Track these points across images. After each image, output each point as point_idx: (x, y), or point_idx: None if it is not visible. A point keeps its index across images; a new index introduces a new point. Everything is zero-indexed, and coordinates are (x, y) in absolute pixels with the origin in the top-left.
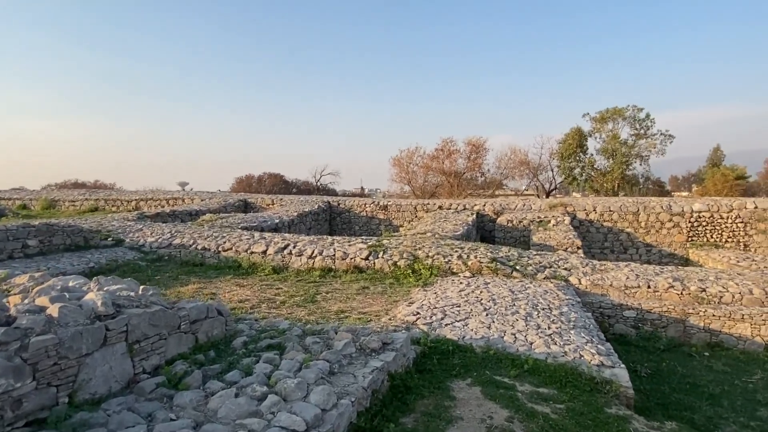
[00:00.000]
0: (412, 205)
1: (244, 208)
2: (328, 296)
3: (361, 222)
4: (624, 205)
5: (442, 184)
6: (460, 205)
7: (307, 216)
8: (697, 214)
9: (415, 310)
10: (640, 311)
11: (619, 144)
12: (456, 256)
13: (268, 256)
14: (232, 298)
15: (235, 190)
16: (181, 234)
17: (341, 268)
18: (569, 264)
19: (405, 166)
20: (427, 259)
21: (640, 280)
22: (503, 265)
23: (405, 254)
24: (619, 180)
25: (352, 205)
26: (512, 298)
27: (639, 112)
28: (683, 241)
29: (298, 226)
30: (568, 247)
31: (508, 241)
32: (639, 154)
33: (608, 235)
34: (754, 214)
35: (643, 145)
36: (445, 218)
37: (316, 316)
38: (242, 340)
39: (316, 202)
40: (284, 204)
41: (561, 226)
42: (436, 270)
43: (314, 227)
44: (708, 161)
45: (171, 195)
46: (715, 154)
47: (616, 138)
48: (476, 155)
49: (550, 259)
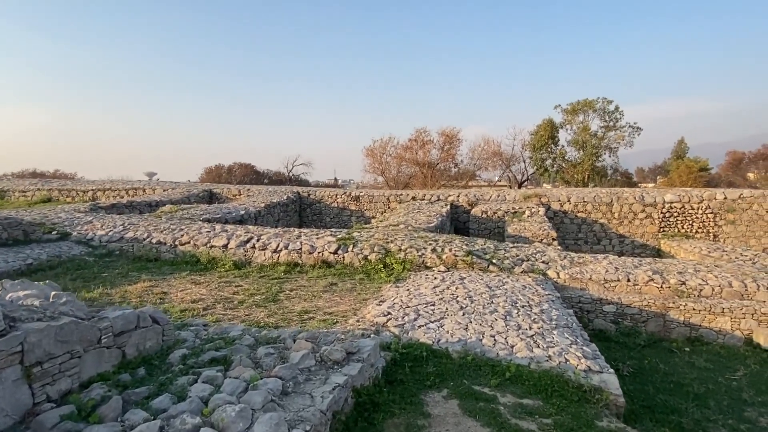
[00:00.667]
0: (385, 196)
1: (209, 199)
2: (292, 294)
3: (332, 213)
4: (598, 195)
5: (415, 175)
6: (433, 196)
7: (275, 207)
8: (669, 205)
9: (386, 309)
10: (620, 306)
11: (589, 136)
12: (430, 249)
13: (229, 251)
14: (185, 298)
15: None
16: (134, 226)
17: (308, 263)
18: (547, 257)
19: (378, 156)
20: (399, 252)
21: (619, 273)
22: (479, 258)
23: (376, 248)
24: (589, 171)
25: (323, 196)
26: (490, 294)
27: (609, 104)
28: (655, 231)
29: (265, 218)
30: (543, 238)
31: (482, 233)
32: (608, 145)
33: (582, 226)
34: (724, 205)
35: (612, 137)
36: (418, 209)
37: (276, 318)
38: (181, 353)
39: (285, 192)
40: (252, 194)
41: (536, 217)
42: (409, 264)
43: (283, 219)
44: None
45: (131, 185)
46: (680, 147)
47: (586, 130)
48: (450, 146)
49: (528, 251)
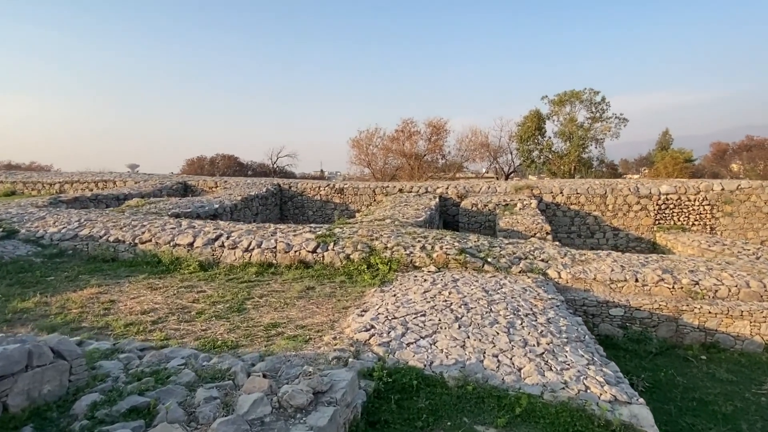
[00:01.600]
0: (371, 188)
1: (183, 192)
2: (261, 302)
3: (315, 207)
4: (591, 187)
5: (402, 167)
6: (421, 188)
7: (253, 200)
8: (665, 197)
9: (369, 322)
10: (629, 309)
11: (575, 127)
12: (419, 247)
13: (195, 250)
14: (135, 308)
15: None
16: (91, 223)
17: (284, 263)
18: (546, 254)
19: (364, 147)
20: (385, 251)
21: (626, 272)
22: (473, 257)
23: (359, 245)
24: (575, 163)
25: (305, 188)
26: (488, 300)
27: (595, 95)
28: (650, 224)
29: (242, 212)
30: (536, 232)
31: (472, 226)
32: (594, 137)
33: (575, 219)
34: (721, 196)
35: (598, 128)
36: (405, 202)
37: (238, 333)
38: (91, 401)
39: (264, 184)
40: (229, 187)
41: (528, 209)
42: (396, 264)
43: (262, 213)
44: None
45: (101, 177)
46: (664, 138)
47: (573, 121)
48: (437, 137)
49: (525, 248)
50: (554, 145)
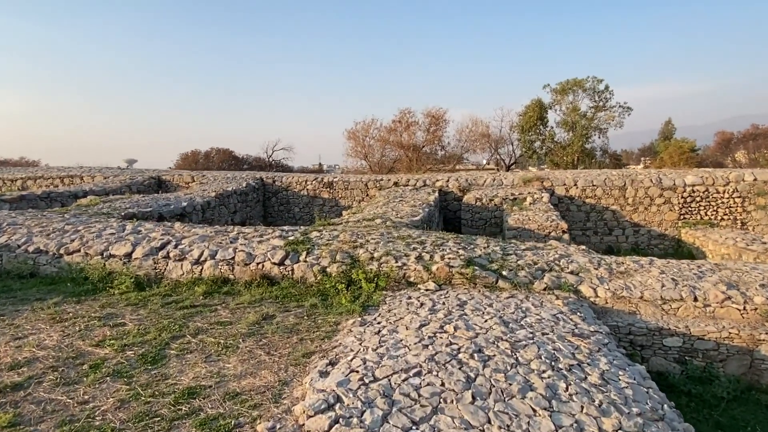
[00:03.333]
0: (363, 182)
1: (157, 188)
2: (192, 344)
3: (301, 203)
4: (609, 178)
5: (400, 159)
6: (419, 180)
7: (230, 197)
8: (691, 188)
9: (334, 389)
10: (688, 338)
11: (579, 116)
12: (414, 256)
13: (133, 262)
14: (4, 360)
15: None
16: (13, 227)
17: (243, 279)
18: (575, 264)
19: (361, 139)
20: (371, 262)
21: (680, 288)
22: (483, 269)
23: (339, 255)
24: (578, 153)
25: (291, 183)
26: (510, 341)
27: (599, 83)
28: (675, 219)
29: (217, 211)
30: (551, 230)
31: (476, 224)
32: (598, 126)
33: (591, 214)
34: (753, 188)
35: (602, 118)
36: (401, 197)
37: (129, 412)
38: None
39: (245, 179)
40: (206, 182)
41: (539, 204)
42: (385, 280)
43: (242, 211)
44: (660, 134)
45: (67, 172)
46: (667, 128)
47: (576, 110)
48: (436, 127)
49: (548, 256)
50: (556, 136)
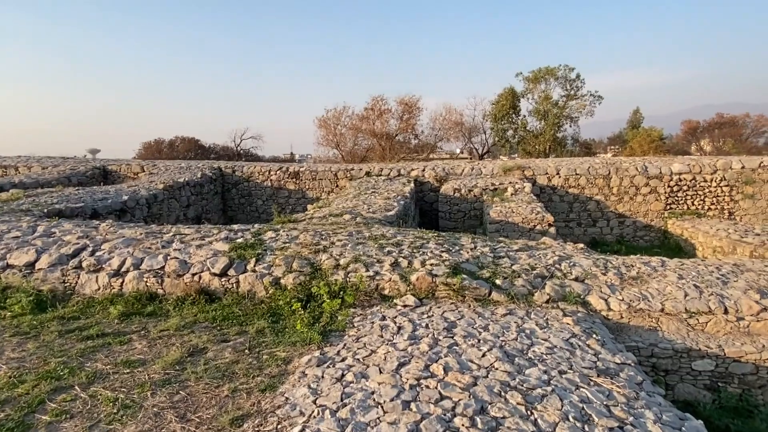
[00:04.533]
0: (332, 172)
1: (102, 179)
2: (78, 402)
3: (264, 195)
4: (592, 167)
5: (373, 148)
6: (393, 170)
7: (182, 189)
8: (678, 177)
9: None
10: (721, 360)
11: (551, 105)
12: (389, 262)
13: (36, 274)
14: None
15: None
16: None
17: (175, 294)
18: (579, 269)
19: (332, 127)
20: (336, 271)
21: (706, 297)
22: (473, 278)
23: (297, 262)
24: (550, 142)
25: (252, 173)
26: (521, 388)
27: (570, 72)
28: (661, 209)
29: (166, 205)
30: (536, 223)
31: (455, 216)
32: (569, 115)
33: (574, 205)
34: (741, 176)
35: (573, 106)
36: (373, 188)
37: None
38: None
39: (201, 168)
40: (157, 172)
41: (522, 195)
42: (353, 294)
43: (196, 204)
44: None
45: (0, 162)
46: (635, 117)
47: (548, 99)
48: (409, 115)
49: (545, 259)
50: (529, 124)
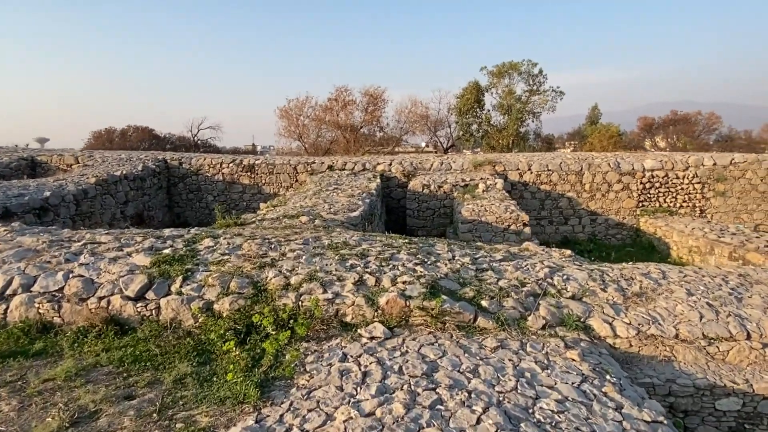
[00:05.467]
0: (291, 165)
1: (30, 171)
2: None
3: (216, 190)
4: (565, 162)
5: (337, 140)
6: (357, 164)
7: (119, 183)
8: (650, 174)
9: None
10: (749, 398)
11: (514, 100)
12: (352, 280)
13: None
14: None
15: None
16: None
17: (76, 324)
18: (575, 284)
19: (294, 118)
20: (285, 292)
21: (725, 319)
22: (454, 299)
23: (236, 281)
24: (513, 137)
25: (202, 165)
26: None
27: (533, 67)
28: (633, 207)
29: (99, 201)
30: (511, 223)
31: (423, 215)
32: (532, 110)
33: (546, 202)
34: (713, 173)
35: (536, 102)
36: (336, 184)
37: None
38: None
39: (143, 160)
40: (91, 164)
41: (493, 191)
42: (306, 323)
43: (136, 201)
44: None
45: None
46: (593, 113)
47: (511, 93)
48: (374, 107)
49: (535, 271)
50: (493, 119)
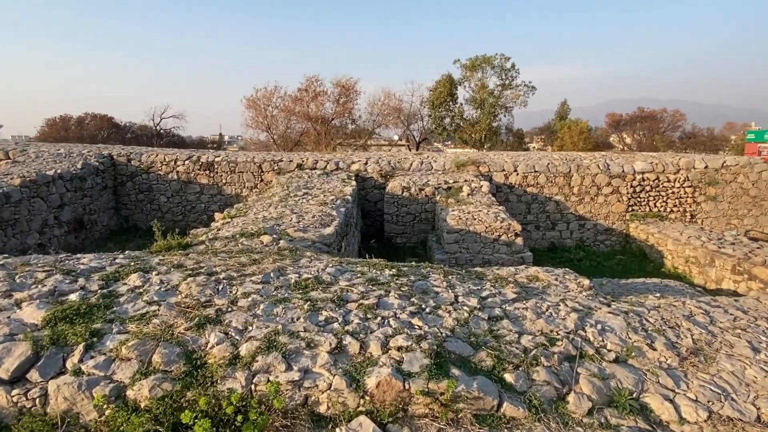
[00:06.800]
0: (256, 163)
1: None
2: None
3: (170, 190)
4: (552, 164)
5: (307, 132)
6: (330, 162)
7: (53, 183)
8: (641, 176)
9: None
10: None
11: (487, 94)
12: (328, 347)
13: None
14: None
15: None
16: None
17: None
18: (613, 337)
19: (262, 108)
20: (232, 371)
21: None
22: (469, 373)
23: (162, 351)
24: (486, 131)
25: (154, 163)
26: None
27: (506, 61)
28: (622, 211)
29: (26, 206)
30: (502, 233)
31: (403, 220)
32: (504, 105)
33: (532, 206)
34: (705, 176)
35: (508, 96)
36: (306, 187)
37: None
38: None
39: (85, 155)
40: (22, 161)
41: (479, 195)
42: (261, 419)
43: (74, 205)
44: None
45: None
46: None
47: (484, 87)
48: (346, 99)
49: (559, 316)
50: (465, 113)
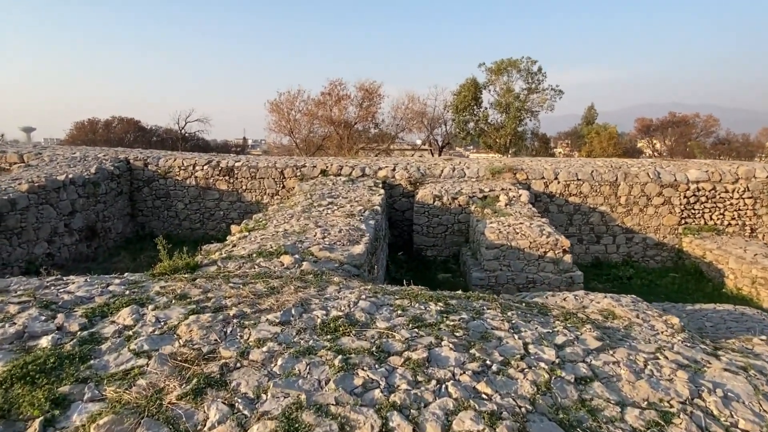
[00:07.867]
0: (277, 169)
1: None
2: None
3: (188, 196)
4: (597, 171)
5: (330, 136)
6: (355, 168)
7: (63, 189)
8: (695, 186)
9: None
10: None
11: (513, 98)
12: (369, 430)
13: None
14: None
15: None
16: None
17: None
18: (740, 407)
19: (285, 112)
20: None
21: None
22: None
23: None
24: (511, 136)
25: (171, 167)
26: None
27: (533, 64)
28: (674, 224)
29: (35, 214)
30: (549, 249)
31: (434, 231)
32: (530, 109)
33: (574, 217)
34: (766, 187)
35: (535, 100)
36: (331, 195)
37: None
38: None
39: (100, 159)
40: (35, 164)
41: (517, 206)
42: None
43: (87, 210)
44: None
45: None
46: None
47: (510, 91)
48: (369, 103)
49: (663, 376)
50: (490, 117)
